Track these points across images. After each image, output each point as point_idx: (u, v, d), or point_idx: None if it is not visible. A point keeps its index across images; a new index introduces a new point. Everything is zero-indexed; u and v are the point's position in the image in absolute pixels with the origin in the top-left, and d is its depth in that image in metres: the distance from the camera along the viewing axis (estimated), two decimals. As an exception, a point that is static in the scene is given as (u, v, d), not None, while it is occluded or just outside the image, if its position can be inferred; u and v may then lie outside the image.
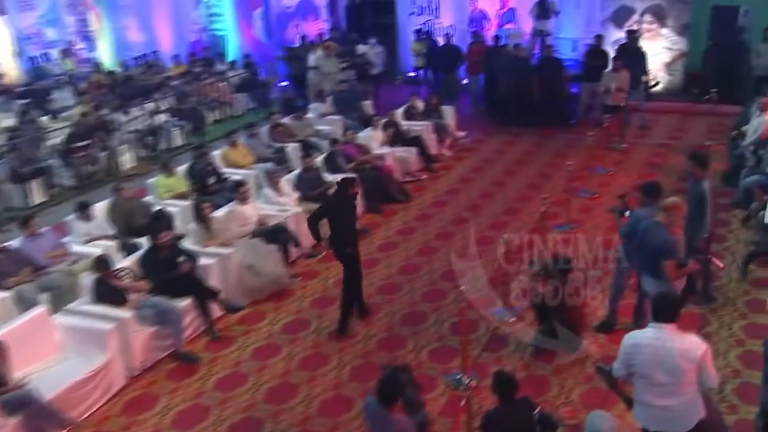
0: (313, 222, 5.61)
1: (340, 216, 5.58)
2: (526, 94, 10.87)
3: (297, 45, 13.77)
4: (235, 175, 7.87)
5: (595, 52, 11.03)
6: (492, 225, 7.70)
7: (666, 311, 3.34)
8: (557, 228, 7.38)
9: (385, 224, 7.85)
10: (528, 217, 7.76)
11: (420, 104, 10.63)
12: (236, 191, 6.85)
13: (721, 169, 8.64)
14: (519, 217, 7.90)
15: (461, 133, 10.84)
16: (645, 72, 10.95)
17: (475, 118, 12.04)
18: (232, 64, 13.53)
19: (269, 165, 8.10)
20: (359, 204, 7.69)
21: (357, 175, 7.62)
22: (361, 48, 13.03)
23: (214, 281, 5.94)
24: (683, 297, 3.77)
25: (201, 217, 6.51)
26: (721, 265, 5.53)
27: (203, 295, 5.65)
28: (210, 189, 7.59)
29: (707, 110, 10.20)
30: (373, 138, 9.16)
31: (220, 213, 6.71)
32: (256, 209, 6.92)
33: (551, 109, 11.08)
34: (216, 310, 5.83)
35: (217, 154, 8.29)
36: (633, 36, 11.24)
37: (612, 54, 10.95)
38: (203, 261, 5.95)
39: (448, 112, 10.77)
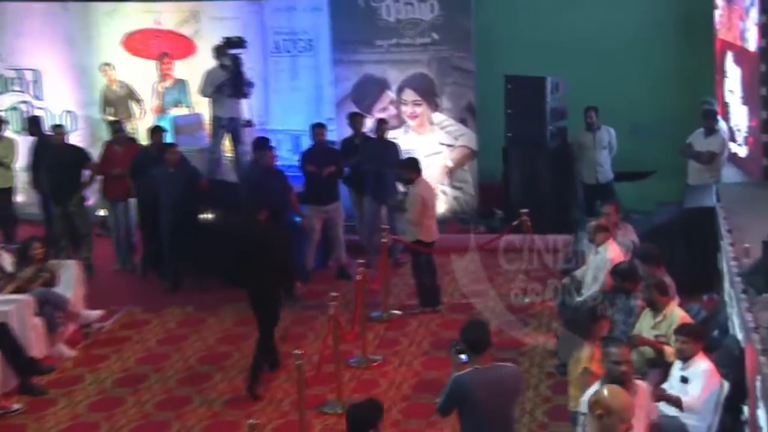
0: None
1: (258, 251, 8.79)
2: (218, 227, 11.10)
3: None
4: None
5: (319, 152, 11.57)
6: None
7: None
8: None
9: None
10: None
11: (7, 259, 10.26)
12: None
13: (551, 342, 9.25)
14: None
15: (95, 312, 10.61)
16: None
17: (125, 279, 12.08)
18: None
19: None
20: None
21: None
22: None
23: None
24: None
25: None
26: None
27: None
28: None
29: (519, 244, 10.86)
30: None
31: None
32: None
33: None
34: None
35: None
36: (379, 126, 12.09)
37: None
38: None
39: (69, 272, 10.51)
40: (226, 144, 12.97)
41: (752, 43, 10.57)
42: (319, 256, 11.68)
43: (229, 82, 12.31)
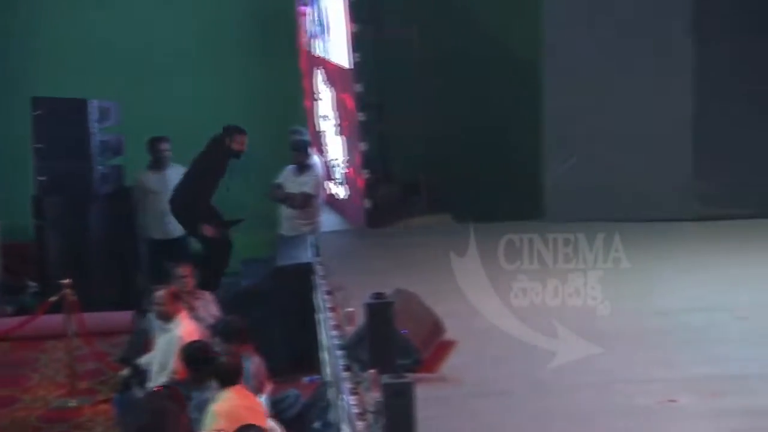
0: None
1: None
2: None
3: None
4: None
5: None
6: None
7: None
8: None
9: None
10: None
11: None
12: None
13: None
14: None
15: None
16: None
17: None
18: None
19: None
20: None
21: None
22: None
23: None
24: None
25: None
26: None
27: None
28: None
29: (59, 329, 10.61)
30: None
31: None
32: None
33: None
34: None
35: None
36: None
37: None
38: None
39: None
40: None
41: (343, 57, 11.03)
42: None
43: None
